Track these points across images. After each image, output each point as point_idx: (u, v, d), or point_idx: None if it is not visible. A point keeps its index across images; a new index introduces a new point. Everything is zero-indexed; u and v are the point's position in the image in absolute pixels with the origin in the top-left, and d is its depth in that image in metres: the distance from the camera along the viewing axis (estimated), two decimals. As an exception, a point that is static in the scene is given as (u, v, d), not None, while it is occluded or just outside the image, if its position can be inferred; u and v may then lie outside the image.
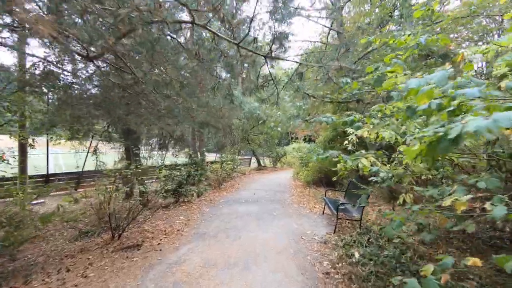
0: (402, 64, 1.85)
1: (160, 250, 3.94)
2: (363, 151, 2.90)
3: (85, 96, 5.17)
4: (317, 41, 8.66)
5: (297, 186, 10.27)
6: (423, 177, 2.95)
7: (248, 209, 6.38)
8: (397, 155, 3.01)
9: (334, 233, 4.40)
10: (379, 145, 6.96)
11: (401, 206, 5.72)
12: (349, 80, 2.36)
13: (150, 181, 8.24)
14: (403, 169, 2.88)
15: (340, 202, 4.79)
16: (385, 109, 2.75)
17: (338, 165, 2.82)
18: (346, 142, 4.52)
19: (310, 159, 11.04)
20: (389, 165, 3.15)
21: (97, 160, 8.28)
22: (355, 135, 3.95)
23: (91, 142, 9.28)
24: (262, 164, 18.47)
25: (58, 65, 4.50)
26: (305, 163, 11.97)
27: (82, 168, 10.65)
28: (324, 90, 6.95)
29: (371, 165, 2.92)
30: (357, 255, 3.36)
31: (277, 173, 15.21)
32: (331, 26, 7.87)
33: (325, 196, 5.68)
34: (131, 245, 4.13)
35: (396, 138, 3.15)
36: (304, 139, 20.40)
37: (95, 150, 8.36)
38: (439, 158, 2.79)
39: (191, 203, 7.34)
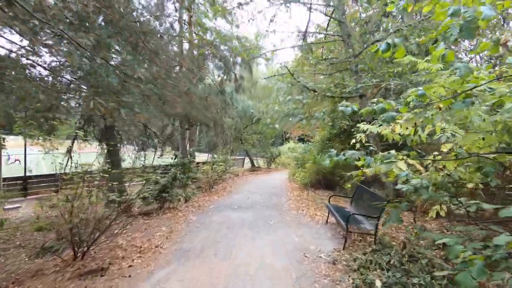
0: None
1: (130, 276, 3.14)
2: (392, 151, 2.19)
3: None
4: (316, 32, 7.97)
5: (294, 188, 9.58)
6: (469, 186, 2.26)
7: (241, 216, 5.62)
8: (435, 156, 2.30)
9: (343, 249, 3.69)
10: (387, 144, 6.33)
11: (427, 219, 5.01)
12: (390, 41, 1.62)
13: (131, 183, 7.37)
14: (446, 175, 2.18)
15: (351, 212, 4.08)
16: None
17: (366, 170, 2.10)
18: (354, 140, 3.91)
19: (307, 160, 10.38)
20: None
21: (71, 162, 7.42)
22: (371, 131, 3.26)
23: (73, 141, 8.39)
24: (256, 165, 17.74)
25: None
26: (301, 163, 11.31)
27: (64, 170, 9.72)
28: (326, 83, 6.26)
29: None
30: (378, 284, 2.65)
31: (271, 174, 14.50)
32: (331, 14, 7.20)
33: (329, 203, 4.97)
34: (94, 269, 3.32)
35: (419, 136, 2.48)
36: (302, 140, 19.77)
37: (68, 151, 7.48)
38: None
39: (177, 209, 6.54)
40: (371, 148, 2.70)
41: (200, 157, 16.18)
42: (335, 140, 9.34)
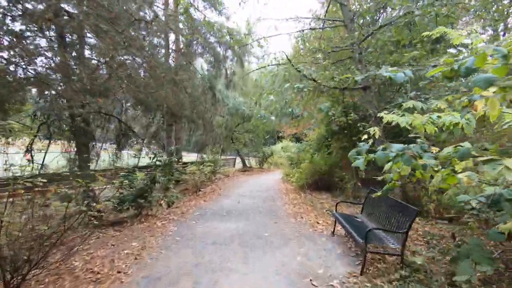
0: None
1: (68, 325, 2.23)
2: (466, 143, 1.37)
3: None
4: (315, 17, 7.19)
5: (289, 190, 8.77)
6: None
7: (230, 227, 4.74)
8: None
9: (361, 274, 2.86)
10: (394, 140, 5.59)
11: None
12: None
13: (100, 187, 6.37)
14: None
15: (370, 227, 3.26)
16: None
17: (419, 174, 1.27)
18: (366, 136, 3.20)
19: (303, 159, 9.63)
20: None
21: (32, 162, 6.37)
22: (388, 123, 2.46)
23: (33, 139, 7.28)
24: (248, 165, 16.89)
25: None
26: (296, 163, 10.58)
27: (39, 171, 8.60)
28: (329, 72, 5.47)
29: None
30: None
31: (264, 175, 13.69)
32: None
33: (336, 211, 4.15)
34: (22, 312, 2.38)
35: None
36: (298, 139, 19.03)
37: (28, 150, 6.41)
38: None
39: (156, 217, 5.60)
40: (419, 140, 1.87)
41: (189, 157, 15.20)
42: (333, 139, 8.60)
